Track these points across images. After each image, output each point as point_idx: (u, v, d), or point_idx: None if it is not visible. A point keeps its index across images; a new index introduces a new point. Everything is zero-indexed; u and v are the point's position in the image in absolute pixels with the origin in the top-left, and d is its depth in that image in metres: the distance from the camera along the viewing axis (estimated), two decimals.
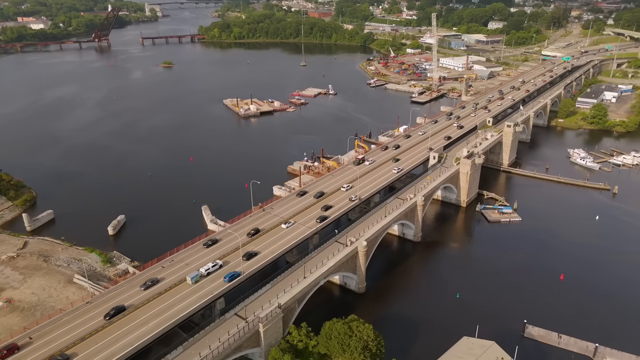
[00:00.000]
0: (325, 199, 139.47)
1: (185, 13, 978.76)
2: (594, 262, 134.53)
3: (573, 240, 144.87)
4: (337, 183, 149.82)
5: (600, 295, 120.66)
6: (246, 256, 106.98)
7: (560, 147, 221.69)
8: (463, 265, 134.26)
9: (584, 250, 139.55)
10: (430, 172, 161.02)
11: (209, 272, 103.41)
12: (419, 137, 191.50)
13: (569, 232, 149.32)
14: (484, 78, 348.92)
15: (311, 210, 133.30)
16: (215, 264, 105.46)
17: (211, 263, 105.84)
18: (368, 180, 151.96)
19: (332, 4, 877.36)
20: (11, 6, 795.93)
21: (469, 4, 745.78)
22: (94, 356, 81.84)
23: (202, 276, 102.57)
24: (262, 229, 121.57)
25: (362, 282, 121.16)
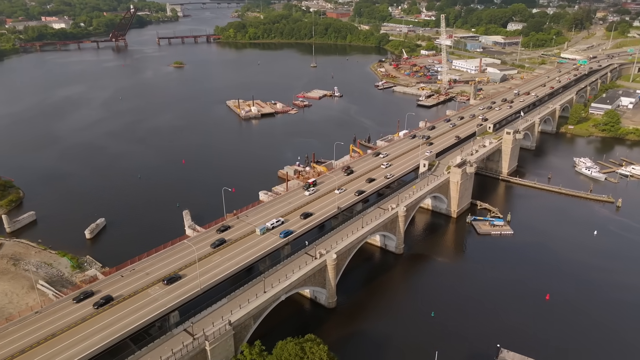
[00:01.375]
0: (304, 206, 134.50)
1: (207, 13, 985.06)
2: (585, 282, 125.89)
3: (566, 257, 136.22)
4: (322, 189, 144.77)
5: (586, 320, 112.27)
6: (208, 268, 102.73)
7: (567, 155, 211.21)
8: (443, 280, 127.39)
9: (576, 269, 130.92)
10: (418, 181, 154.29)
11: (273, 226, 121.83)
12: (407, 146, 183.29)
13: (563, 248, 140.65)
14: (496, 81, 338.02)
15: (289, 218, 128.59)
16: (279, 220, 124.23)
17: (275, 219, 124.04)
18: (354, 187, 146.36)
19: (352, 4, 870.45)
20: (37, 6, 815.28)
21: (491, 5, 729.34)
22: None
23: (268, 229, 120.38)
24: (229, 240, 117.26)
25: (332, 296, 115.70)
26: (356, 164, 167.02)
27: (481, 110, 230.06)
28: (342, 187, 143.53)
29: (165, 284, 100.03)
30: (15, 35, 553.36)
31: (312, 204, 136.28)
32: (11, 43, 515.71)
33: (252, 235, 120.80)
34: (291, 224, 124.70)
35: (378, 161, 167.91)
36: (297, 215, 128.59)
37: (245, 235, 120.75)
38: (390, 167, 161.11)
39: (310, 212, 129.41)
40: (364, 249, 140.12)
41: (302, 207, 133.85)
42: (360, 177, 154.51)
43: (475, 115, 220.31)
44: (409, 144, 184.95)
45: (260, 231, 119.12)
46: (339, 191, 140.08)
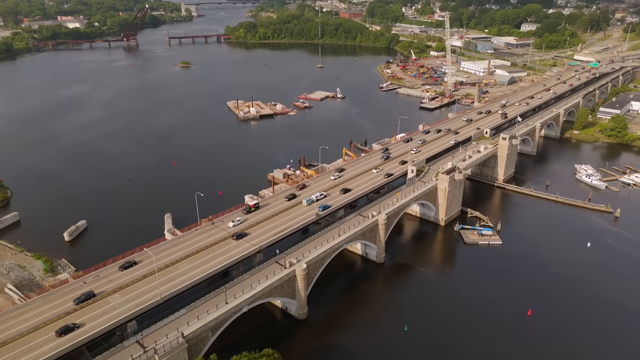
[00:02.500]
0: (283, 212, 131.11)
1: (221, 13, 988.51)
2: (570, 297, 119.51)
3: (554, 270, 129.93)
4: (307, 194, 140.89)
5: (567, 338, 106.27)
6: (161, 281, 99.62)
7: (569, 161, 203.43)
8: (423, 293, 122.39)
9: (563, 283, 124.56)
10: (404, 187, 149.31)
11: (317, 199, 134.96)
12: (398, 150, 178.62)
13: (552, 260, 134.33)
14: (504, 84, 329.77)
15: (266, 224, 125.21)
16: (322, 194, 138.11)
17: (318, 193, 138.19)
18: (339, 192, 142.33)
19: (366, 4, 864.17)
20: (54, 5, 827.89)
21: (506, 5, 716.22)
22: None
23: (313, 202, 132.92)
24: (200, 246, 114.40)
25: (303, 307, 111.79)
26: (347, 167, 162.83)
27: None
28: (322, 192, 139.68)
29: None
30: (29, 34, 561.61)
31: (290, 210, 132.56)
32: (25, 42, 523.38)
33: (225, 241, 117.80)
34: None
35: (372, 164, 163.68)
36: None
37: (218, 241, 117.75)
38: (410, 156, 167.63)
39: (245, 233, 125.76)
40: (344, 256, 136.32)
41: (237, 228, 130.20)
42: (345, 182, 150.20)
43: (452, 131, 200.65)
44: (401, 149, 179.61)
45: (307, 202, 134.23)
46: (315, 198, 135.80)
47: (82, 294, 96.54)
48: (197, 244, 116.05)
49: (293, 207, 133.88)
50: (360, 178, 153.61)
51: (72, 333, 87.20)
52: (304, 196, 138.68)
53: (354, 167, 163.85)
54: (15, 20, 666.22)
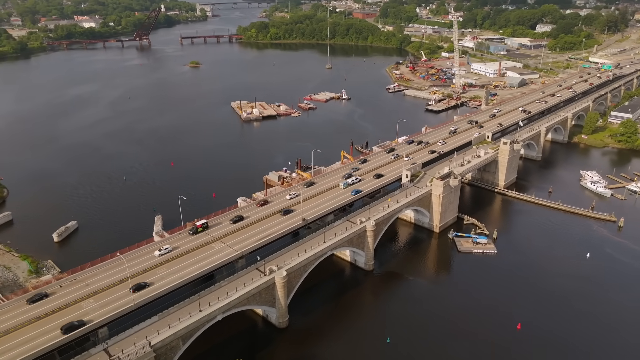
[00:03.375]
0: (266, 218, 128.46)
1: (236, 13, 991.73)
2: (563, 311, 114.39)
3: (548, 281, 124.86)
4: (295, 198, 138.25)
5: (556, 354, 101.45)
6: (135, 287, 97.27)
7: (575, 167, 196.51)
8: (410, 303, 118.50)
9: (557, 296, 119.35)
10: (397, 192, 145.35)
11: (353, 182, 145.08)
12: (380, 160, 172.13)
13: (548, 271, 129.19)
14: (514, 86, 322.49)
15: (249, 230, 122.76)
16: (357, 178, 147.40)
17: (354, 177, 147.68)
18: (325, 198, 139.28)
19: (381, 4, 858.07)
20: (71, 5, 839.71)
21: (523, 6, 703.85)
22: None
23: (349, 185, 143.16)
24: (181, 251, 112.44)
25: (283, 316, 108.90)
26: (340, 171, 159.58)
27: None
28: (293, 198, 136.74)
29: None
30: (44, 33, 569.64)
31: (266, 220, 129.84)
32: (39, 41, 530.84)
33: (206, 246, 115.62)
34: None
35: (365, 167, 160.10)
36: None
37: (200, 246, 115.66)
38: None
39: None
40: (332, 262, 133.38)
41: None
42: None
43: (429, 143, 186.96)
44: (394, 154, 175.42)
45: (344, 186, 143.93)
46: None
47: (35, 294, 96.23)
48: (179, 249, 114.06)
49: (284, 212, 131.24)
50: (385, 168, 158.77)
51: (46, 336, 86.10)
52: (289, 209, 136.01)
53: (375, 160, 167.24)
54: (32, 20, 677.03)
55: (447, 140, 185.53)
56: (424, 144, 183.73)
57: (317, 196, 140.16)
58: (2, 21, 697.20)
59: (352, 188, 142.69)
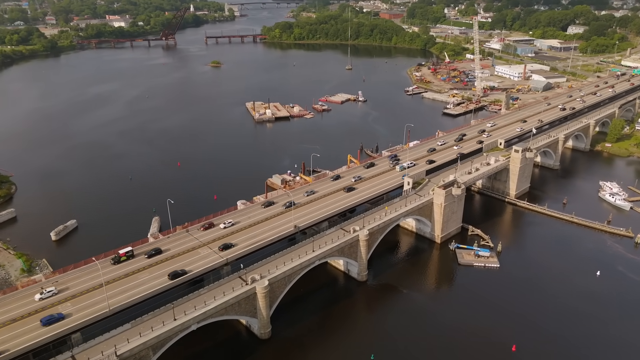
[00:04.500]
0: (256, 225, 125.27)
1: (264, 13, 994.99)
2: (564, 333, 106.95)
3: (552, 300, 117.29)
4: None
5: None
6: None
7: (595, 177, 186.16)
8: (401, 317, 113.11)
9: (559, 316, 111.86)
10: (396, 200, 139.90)
11: (409, 166, 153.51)
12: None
13: (553, 289, 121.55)
14: (538, 90, 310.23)
15: (238, 235, 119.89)
16: (413, 162, 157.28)
17: (409, 161, 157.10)
18: (321, 205, 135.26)
19: (409, 4, 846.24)
20: (104, 5, 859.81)
21: (556, 6, 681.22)
22: None
23: (405, 168, 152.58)
24: (167, 254, 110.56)
25: (265, 327, 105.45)
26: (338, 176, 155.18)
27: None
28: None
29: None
30: (75, 32, 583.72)
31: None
32: (69, 40, 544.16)
33: (192, 252, 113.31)
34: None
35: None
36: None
37: (186, 251, 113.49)
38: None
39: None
40: (325, 271, 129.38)
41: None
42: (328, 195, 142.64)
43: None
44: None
45: (400, 168, 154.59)
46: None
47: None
48: (164, 253, 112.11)
49: (274, 216, 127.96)
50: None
51: (19, 340, 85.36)
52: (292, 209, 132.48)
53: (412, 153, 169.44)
54: (65, 19, 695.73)
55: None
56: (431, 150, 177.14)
57: (316, 201, 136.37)
58: (37, 20, 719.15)
59: (404, 172, 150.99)
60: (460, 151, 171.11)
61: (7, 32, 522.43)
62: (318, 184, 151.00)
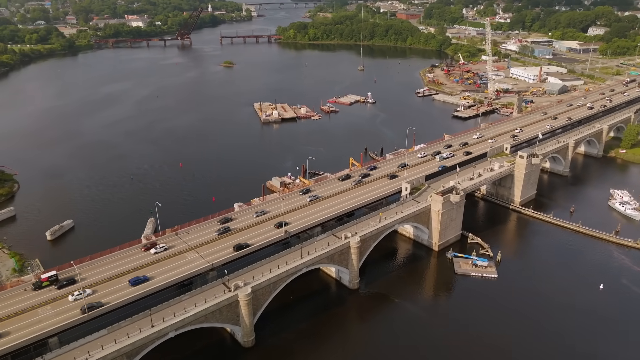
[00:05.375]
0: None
1: (281, 13, 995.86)
2: (564, 351, 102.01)
3: (549, 315, 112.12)
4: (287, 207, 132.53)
5: None
6: (85, 309, 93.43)
7: (606, 185, 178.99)
8: (389, 328, 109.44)
9: (554, 334, 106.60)
10: (393, 206, 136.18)
11: (447, 156, 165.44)
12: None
13: (551, 303, 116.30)
14: (554, 93, 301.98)
15: (227, 240, 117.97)
16: (450, 153, 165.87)
17: (448, 152, 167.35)
18: (316, 209, 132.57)
19: (427, 4, 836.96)
20: (124, 5, 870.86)
21: (578, 7, 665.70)
22: None
23: (443, 158, 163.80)
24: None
25: (248, 335, 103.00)
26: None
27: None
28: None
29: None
30: (93, 32, 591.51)
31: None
32: (87, 39, 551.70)
33: (179, 255, 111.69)
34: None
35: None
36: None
37: (173, 255, 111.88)
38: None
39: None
40: (317, 277, 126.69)
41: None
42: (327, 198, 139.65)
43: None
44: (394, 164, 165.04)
45: (440, 159, 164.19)
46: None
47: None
48: (149, 257, 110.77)
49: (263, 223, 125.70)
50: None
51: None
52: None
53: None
54: (85, 19, 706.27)
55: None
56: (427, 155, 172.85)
57: (309, 206, 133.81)
58: (58, 20, 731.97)
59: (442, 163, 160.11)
60: (493, 145, 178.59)
61: (27, 32, 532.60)
62: (316, 186, 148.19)
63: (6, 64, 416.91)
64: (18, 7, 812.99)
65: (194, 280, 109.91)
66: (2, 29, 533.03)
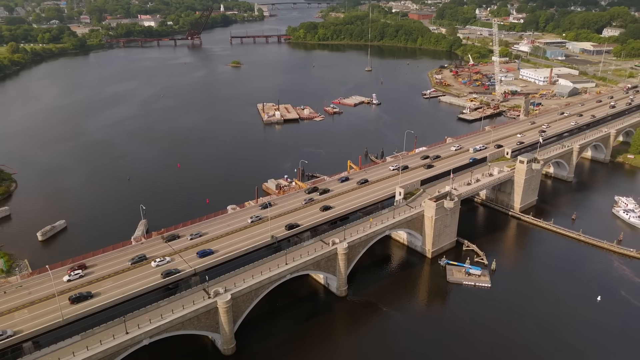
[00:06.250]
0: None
1: (294, 13, 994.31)
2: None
3: (541, 328, 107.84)
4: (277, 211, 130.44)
5: None
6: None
7: (612, 191, 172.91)
8: (375, 338, 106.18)
9: (545, 349, 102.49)
10: (385, 212, 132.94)
11: (480, 149, 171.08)
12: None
13: (544, 315, 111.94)
14: (564, 95, 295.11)
15: (212, 245, 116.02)
16: (483, 146, 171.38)
17: (481, 144, 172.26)
18: (310, 212, 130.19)
19: (440, 5, 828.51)
20: (138, 4, 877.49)
21: (594, 7, 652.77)
22: None
23: (477, 150, 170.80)
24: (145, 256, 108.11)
25: (229, 342, 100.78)
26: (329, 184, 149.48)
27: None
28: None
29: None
30: (105, 31, 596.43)
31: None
32: (99, 39, 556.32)
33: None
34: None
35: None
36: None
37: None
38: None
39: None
40: (305, 283, 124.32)
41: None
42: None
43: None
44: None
45: (473, 150, 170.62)
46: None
47: None
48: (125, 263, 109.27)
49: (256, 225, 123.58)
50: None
51: None
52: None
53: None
54: (99, 18, 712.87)
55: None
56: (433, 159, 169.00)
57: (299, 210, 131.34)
58: (72, 19, 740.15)
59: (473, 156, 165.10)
60: (522, 139, 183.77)
61: (40, 31, 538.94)
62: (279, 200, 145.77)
63: (17, 63, 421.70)
64: (34, 7, 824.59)
65: (180, 285, 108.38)
66: (16, 28, 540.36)
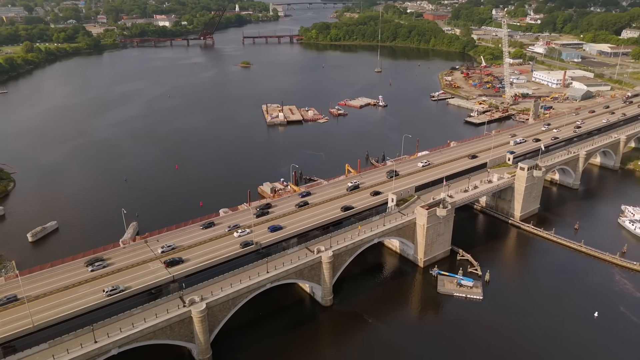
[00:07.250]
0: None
1: (309, 13, 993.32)
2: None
3: (531, 345, 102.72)
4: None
5: None
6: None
7: (619, 200, 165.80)
8: (361, 349, 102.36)
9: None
10: (375, 218, 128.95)
11: (521, 141, 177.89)
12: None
13: (537, 331, 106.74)
14: (577, 99, 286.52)
15: (193, 251, 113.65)
16: (523, 139, 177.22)
17: (521, 137, 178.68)
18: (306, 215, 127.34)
19: (456, 5, 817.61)
20: (154, 4, 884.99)
21: (614, 8, 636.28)
22: None
23: (517, 143, 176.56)
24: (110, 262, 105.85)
25: (204, 352, 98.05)
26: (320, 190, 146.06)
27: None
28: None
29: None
30: (120, 31, 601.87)
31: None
32: (113, 38, 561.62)
33: (142, 265, 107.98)
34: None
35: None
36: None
37: (137, 264, 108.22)
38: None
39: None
40: (290, 291, 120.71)
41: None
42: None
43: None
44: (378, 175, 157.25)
45: (514, 143, 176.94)
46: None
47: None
48: (116, 264, 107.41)
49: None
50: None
51: None
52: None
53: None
54: (115, 18, 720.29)
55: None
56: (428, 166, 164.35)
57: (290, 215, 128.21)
58: (89, 19, 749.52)
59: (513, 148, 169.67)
60: (557, 135, 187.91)
61: (56, 30, 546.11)
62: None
63: (31, 62, 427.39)
64: (53, 7, 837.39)
65: (162, 290, 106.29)
66: (32, 27, 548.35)
